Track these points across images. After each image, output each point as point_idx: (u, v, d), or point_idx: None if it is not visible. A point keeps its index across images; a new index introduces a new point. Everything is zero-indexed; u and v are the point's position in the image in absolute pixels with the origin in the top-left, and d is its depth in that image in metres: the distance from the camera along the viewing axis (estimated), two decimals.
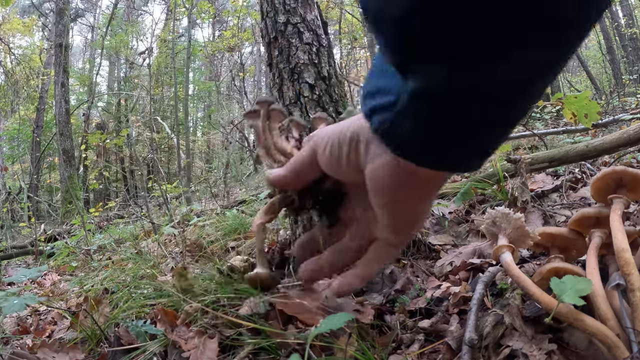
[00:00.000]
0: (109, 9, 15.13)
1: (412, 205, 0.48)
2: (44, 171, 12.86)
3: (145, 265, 1.68)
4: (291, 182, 0.56)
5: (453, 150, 0.41)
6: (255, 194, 4.26)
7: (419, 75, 0.36)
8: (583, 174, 1.76)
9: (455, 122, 0.38)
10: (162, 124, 10.72)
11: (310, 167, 0.53)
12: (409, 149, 0.42)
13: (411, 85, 0.37)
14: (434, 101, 0.36)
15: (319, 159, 0.52)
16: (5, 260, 3.95)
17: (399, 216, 0.49)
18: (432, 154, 0.41)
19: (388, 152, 0.44)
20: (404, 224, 0.50)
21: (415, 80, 0.36)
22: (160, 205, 6.62)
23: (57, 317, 1.56)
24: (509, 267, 0.71)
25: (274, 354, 0.81)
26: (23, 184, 9.01)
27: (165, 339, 0.94)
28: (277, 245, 1.43)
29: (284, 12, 1.34)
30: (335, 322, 0.65)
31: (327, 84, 1.31)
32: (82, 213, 4.55)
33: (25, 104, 14.12)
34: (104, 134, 7.23)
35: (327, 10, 8.78)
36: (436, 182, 0.47)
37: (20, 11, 16.81)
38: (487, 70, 0.33)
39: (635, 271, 0.65)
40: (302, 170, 0.54)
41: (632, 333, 0.60)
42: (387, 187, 0.46)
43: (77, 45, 21.11)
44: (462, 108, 0.36)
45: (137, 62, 15.33)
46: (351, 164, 0.48)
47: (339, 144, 0.49)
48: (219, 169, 11.29)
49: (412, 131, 0.40)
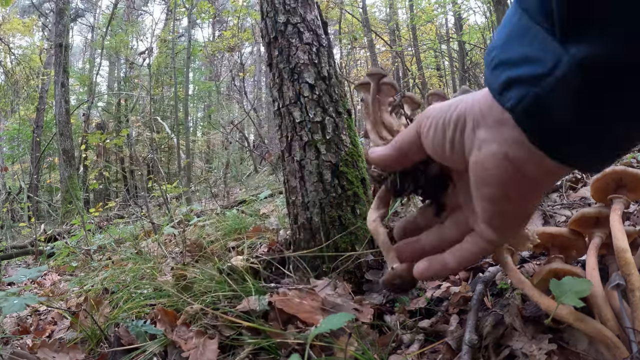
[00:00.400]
0: (109, 9, 15.13)
1: (518, 203, 0.41)
2: (44, 171, 12.85)
3: (145, 265, 1.68)
4: (393, 162, 0.51)
5: (603, 142, 0.34)
6: (255, 194, 4.26)
7: (592, 40, 0.29)
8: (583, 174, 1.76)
9: (620, 106, 0.31)
10: (162, 124, 10.72)
11: (415, 148, 0.47)
12: (551, 136, 0.34)
13: (576, 53, 0.30)
14: (605, 75, 0.30)
15: (422, 140, 0.46)
16: (5, 260, 3.95)
17: (501, 214, 0.42)
18: (580, 144, 0.34)
19: (499, 140, 0.38)
20: (506, 223, 0.44)
21: (583, 46, 0.30)
22: (160, 205, 6.62)
23: (57, 317, 1.56)
24: (509, 270, 0.71)
25: (274, 354, 0.81)
26: (23, 184, 9.01)
27: (165, 339, 0.94)
28: (277, 245, 1.43)
29: (284, 12, 1.34)
30: (335, 322, 0.65)
31: (327, 84, 1.31)
32: (82, 213, 4.55)
33: (25, 104, 14.11)
34: (104, 134, 7.23)
35: (327, 10, 8.78)
36: (550, 180, 0.41)
37: (20, 11, 16.81)
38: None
39: (635, 271, 0.65)
40: (406, 151, 0.49)
41: (632, 333, 0.60)
42: (491, 181, 0.40)
43: (77, 45, 21.12)
44: (633, 89, 0.30)
45: (137, 62, 15.32)
46: (455, 149, 0.42)
47: (443, 126, 0.43)
48: (219, 169, 11.29)
49: (563, 113, 0.33)
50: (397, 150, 0.49)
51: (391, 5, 16.76)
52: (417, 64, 13.80)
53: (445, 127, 0.42)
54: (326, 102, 1.29)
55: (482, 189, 0.41)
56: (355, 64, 15.87)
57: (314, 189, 1.24)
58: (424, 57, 15.75)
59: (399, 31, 16.40)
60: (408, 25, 15.52)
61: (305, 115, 1.27)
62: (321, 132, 1.27)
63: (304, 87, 1.29)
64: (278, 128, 1.35)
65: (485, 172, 0.40)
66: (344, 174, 1.25)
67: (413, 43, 14.25)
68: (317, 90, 1.29)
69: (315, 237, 1.24)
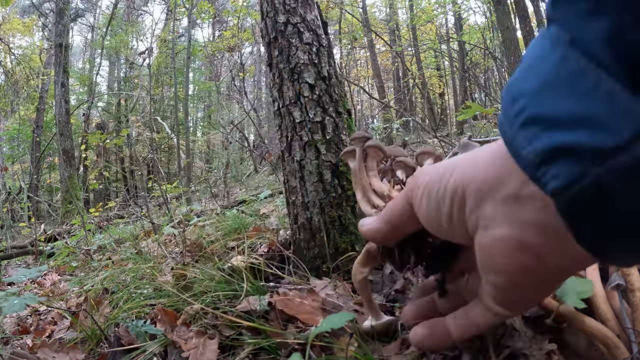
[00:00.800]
0: (109, 9, 15.13)
1: (533, 291, 0.34)
2: (44, 171, 12.86)
3: (145, 265, 1.68)
4: (384, 238, 0.44)
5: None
6: (255, 194, 4.26)
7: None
8: None
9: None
10: (162, 124, 10.72)
11: (407, 221, 0.40)
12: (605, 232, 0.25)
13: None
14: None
15: (415, 211, 0.38)
16: (5, 260, 3.95)
17: (512, 297, 0.35)
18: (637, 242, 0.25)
19: (511, 222, 0.30)
20: (517, 306, 0.37)
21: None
22: (160, 205, 6.63)
23: (57, 317, 1.56)
24: None
25: (274, 354, 0.81)
26: (23, 184, 9.01)
27: (165, 339, 0.94)
28: (277, 245, 1.43)
29: (284, 12, 1.34)
30: (336, 322, 0.65)
31: (327, 84, 1.31)
32: (82, 213, 4.55)
33: (25, 104, 14.12)
34: (104, 134, 7.23)
35: (327, 10, 8.78)
36: (577, 269, 0.33)
37: (20, 11, 16.82)
38: None
39: (635, 271, 0.65)
40: (397, 224, 0.41)
41: (632, 333, 0.60)
42: (499, 270, 0.32)
43: (77, 45, 21.13)
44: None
45: (137, 62, 15.33)
46: (454, 225, 0.35)
47: (437, 200, 0.35)
48: (219, 169, 11.30)
49: (633, 205, 0.23)
50: (388, 223, 0.42)
51: (391, 5, 16.77)
52: (417, 64, 13.81)
53: (440, 201, 0.35)
54: (326, 102, 1.29)
55: (488, 275, 0.34)
56: (355, 64, 15.86)
57: (314, 189, 1.24)
58: (424, 57, 15.76)
59: (399, 31, 16.41)
60: (408, 25, 15.53)
61: (305, 115, 1.27)
62: (321, 132, 1.27)
63: (304, 87, 1.29)
64: (278, 128, 1.35)
65: (492, 259, 0.32)
66: (344, 174, 1.25)
67: (413, 43, 14.26)
68: (317, 90, 1.29)
69: (315, 237, 1.24)
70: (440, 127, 9.94)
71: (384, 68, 17.84)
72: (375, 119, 9.81)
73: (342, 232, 1.22)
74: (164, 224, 2.82)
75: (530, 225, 0.29)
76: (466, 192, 0.32)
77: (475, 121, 8.98)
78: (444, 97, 17.28)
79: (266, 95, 14.52)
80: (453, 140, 4.59)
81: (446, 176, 0.34)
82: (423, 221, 0.38)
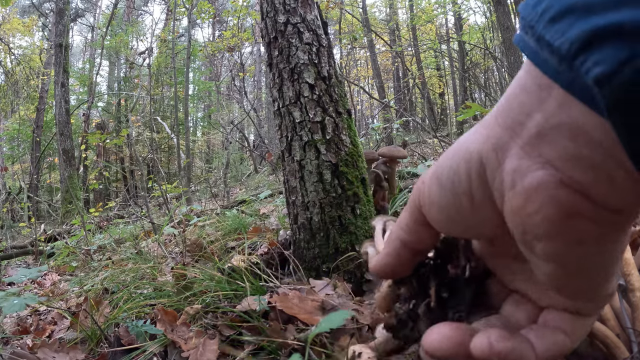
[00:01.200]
0: (109, 9, 15.14)
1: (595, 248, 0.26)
2: (44, 171, 12.87)
3: (145, 265, 1.68)
4: (397, 264, 0.34)
5: None
6: (255, 194, 4.26)
7: None
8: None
9: None
10: (162, 124, 10.73)
11: (419, 232, 0.33)
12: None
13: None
14: None
15: (426, 213, 0.32)
16: (5, 260, 3.95)
17: (576, 270, 0.27)
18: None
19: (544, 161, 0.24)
20: (586, 282, 0.28)
21: None
22: (160, 205, 6.63)
23: (57, 317, 1.56)
24: None
25: (274, 354, 0.81)
26: (23, 184, 9.02)
27: (165, 339, 0.94)
28: (277, 245, 1.43)
29: (284, 12, 1.34)
30: (335, 321, 0.65)
31: (327, 84, 1.31)
32: (82, 213, 4.55)
33: (25, 104, 14.12)
34: (104, 134, 7.23)
35: (327, 10, 8.78)
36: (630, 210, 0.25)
37: (20, 11, 16.82)
38: None
39: (635, 271, 0.65)
40: (407, 241, 0.33)
41: (632, 333, 0.60)
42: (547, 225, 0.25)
43: (77, 45, 21.14)
44: None
45: (137, 62, 15.33)
46: (476, 203, 0.28)
47: (450, 177, 0.29)
48: (219, 169, 11.30)
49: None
50: (395, 248, 0.34)
51: (391, 5, 16.77)
52: (417, 64, 13.80)
53: (454, 178, 0.29)
54: (326, 102, 1.29)
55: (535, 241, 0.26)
56: (355, 64, 15.87)
57: (314, 189, 1.24)
58: (424, 57, 15.76)
59: (399, 31, 16.41)
60: (408, 25, 15.53)
61: (305, 115, 1.27)
62: (321, 132, 1.27)
63: (304, 87, 1.29)
64: (278, 128, 1.35)
65: (530, 220, 0.25)
66: (344, 174, 1.25)
67: (413, 43, 14.26)
68: (317, 90, 1.29)
69: (315, 237, 1.24)
70: (440, 127, 9.94)
71: (384, 68, 17.84)
72: (375, 119, 9.81)
73: (342, 232, 1.22)
74: (164, 224, 2.82)
75: (568, 157, 0.24)
76: (482, 152, 0.27)
77: (475, 121, 8.98)
78: (444, 97, 17.29)
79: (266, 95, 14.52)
80: (453, 140, 4.58)
81: (454, 152, 0.29)
82: (437, 217, 0.31)
